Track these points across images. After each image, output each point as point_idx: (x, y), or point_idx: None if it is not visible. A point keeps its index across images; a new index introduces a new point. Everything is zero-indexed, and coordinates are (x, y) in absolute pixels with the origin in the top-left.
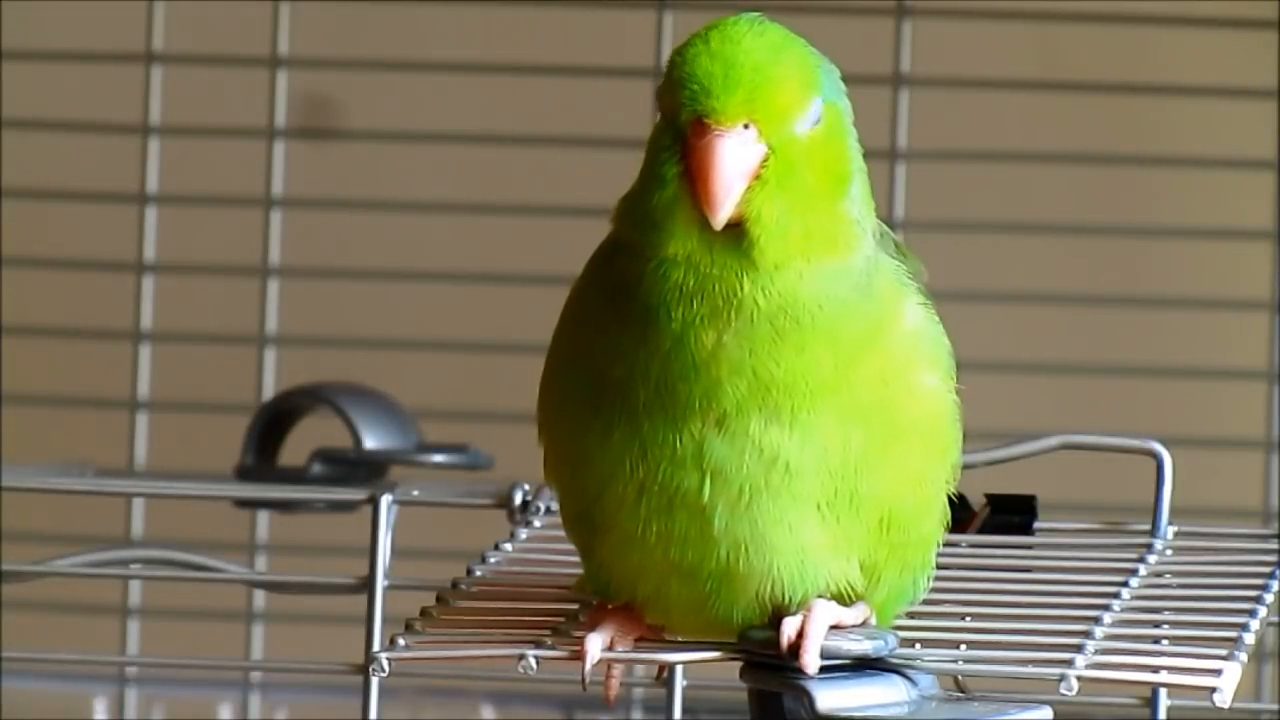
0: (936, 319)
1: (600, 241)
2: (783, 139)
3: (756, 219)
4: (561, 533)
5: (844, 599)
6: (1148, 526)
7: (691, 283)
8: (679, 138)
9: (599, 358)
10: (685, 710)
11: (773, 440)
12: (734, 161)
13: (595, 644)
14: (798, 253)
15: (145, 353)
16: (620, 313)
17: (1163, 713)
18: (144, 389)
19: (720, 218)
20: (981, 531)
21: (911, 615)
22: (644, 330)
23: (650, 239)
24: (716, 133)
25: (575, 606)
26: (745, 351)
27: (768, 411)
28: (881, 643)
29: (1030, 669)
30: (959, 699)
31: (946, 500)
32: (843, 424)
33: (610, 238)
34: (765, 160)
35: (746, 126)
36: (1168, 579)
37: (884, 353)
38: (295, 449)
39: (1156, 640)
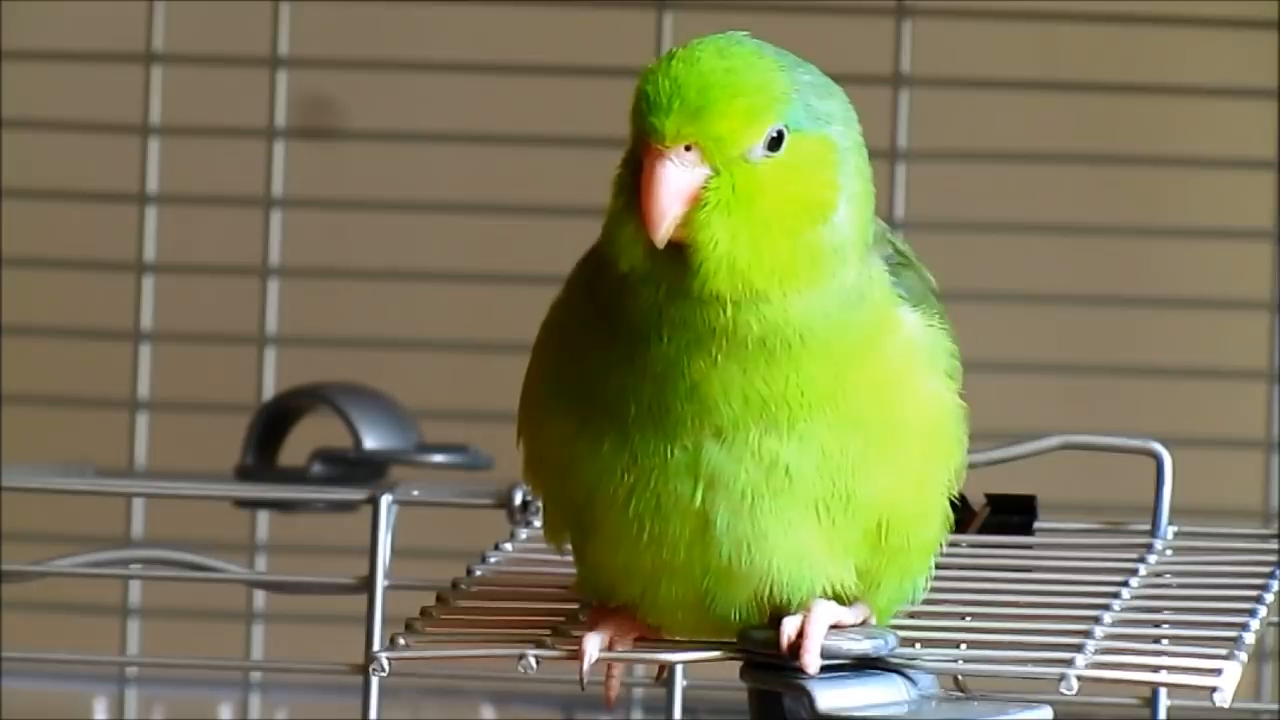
0: (936, 323)
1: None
2: (729, 163)
3: (695, 242)
4: None
5: (843, 599)
6: (1148, 526)
7: (668, 307)
8: (636, 155)
9: (587, 371)
10: (685, 710)
11: (771, 447)
12: (672, 182)
13: (594, 644)
14: (746, 279)
15: (145, 353)
16: (609, 330)
17: (1163, 713)
18: (144, 389)
19: (659, 237)
20: (981, 531)
21: (911, 615)
22: (633, 351)
23: (609, 253)
24: (657, 152)
25: (575, 606)
26: (738, 373)
27: (765, 423)
28: (881, 642)
29: (1030, 669)
30: (959, 699)
31: (949, 505)
32: (840, 431)
33: (597, 248)
34: (708, 183)
35: (689, 149)
36: (1168, 579)
37: (881, 361)
38: (295, 449)
39: (1157, 640)
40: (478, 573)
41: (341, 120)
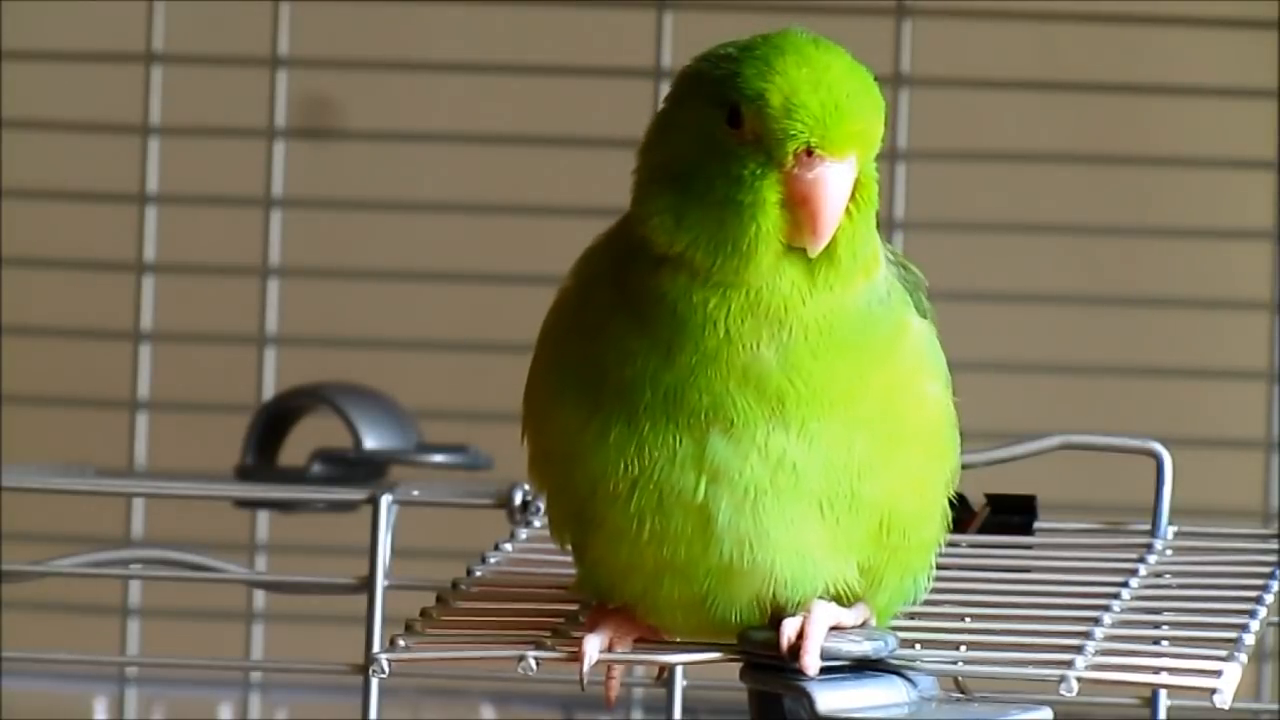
0: (933, 329)
1: (595, 238)
2: (866, 167)
3: (837, 244)
4: None
5: (843, 601)
6: (1148, 526)
7: (745, 303)
8: (770, 164)
9: (602, 358)
10: (685, 710)
11: (778, 444)
12: (843, 191)
13: (593, 645)
14: (859, 274)
15: (145, 353)
16: (643, 319)
17: (1163, 713)
18: (144, 389)
19: (822, 247)
20: (981, 531)
21: (911, 615)
22: (666, 339)
23: (729, 265)
24: (829, 164)
25: (575, 607)
26: (776, 367)
27: (775, 420)
28: (881, 644)
29: (1030, 669)
30: (959, 700)
31: (947, 505)
32: (848, 430)
33: (617, 238)
34: (856, 187)
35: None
36: (1168, 579)
37: (895, 363)
38: (295, 449)
39: (1157, 641)
40: (477, 573)
41: (341, 120)
